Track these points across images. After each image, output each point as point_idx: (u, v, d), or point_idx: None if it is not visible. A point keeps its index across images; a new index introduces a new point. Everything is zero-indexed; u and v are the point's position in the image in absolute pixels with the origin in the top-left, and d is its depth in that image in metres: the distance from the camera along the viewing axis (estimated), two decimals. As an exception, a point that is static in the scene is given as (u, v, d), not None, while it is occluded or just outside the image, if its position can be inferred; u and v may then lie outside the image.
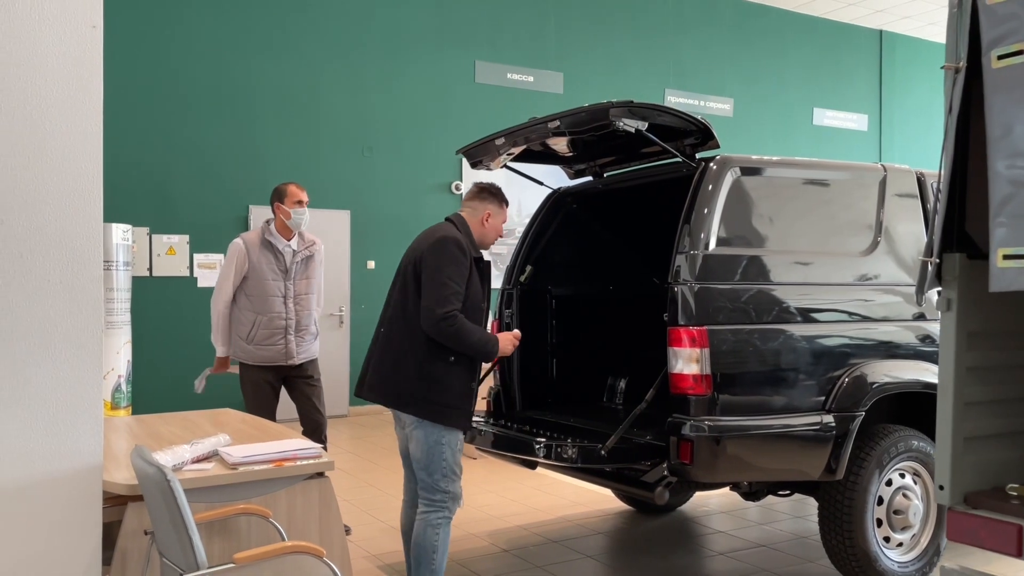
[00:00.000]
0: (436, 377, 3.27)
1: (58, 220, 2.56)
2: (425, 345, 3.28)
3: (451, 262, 3.26)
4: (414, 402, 3.28)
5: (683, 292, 3.54)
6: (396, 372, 3.34)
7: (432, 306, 3.21)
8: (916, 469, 3.98)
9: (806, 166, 4.08)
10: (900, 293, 4.06)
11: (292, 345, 4.67)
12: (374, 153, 9.51)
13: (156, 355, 8.26)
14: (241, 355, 4.68)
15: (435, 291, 3.22)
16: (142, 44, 8.36)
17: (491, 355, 3.39)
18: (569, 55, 10.69)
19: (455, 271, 3.26)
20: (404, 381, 3.31)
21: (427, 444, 3.31)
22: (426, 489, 3.36)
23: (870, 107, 13.19)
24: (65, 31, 2.55)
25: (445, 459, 3.33)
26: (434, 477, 3.32)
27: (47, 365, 2.55)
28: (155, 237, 8.44)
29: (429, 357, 3.28)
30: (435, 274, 3.25)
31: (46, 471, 2.55)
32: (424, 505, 3.37)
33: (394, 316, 3.43)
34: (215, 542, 2.77)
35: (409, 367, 3.30)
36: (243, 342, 4.64)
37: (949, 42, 2.20)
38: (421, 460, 3.33)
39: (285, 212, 4.67)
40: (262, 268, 4.61)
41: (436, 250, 3.31)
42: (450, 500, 3.36)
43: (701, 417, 3.49)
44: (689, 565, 4.39)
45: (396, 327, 3.40)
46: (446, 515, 3.36)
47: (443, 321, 3.19)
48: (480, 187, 3.60)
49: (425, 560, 3.33)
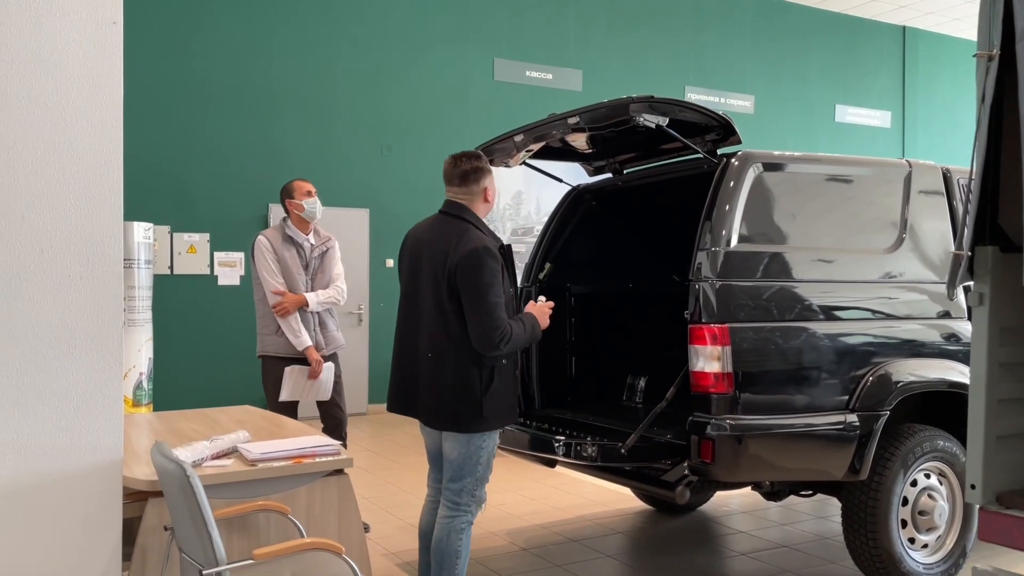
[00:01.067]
0: (493, 391, 3.18)
1: (79, 216, 2.57)
2: (479, 365, 3.16)
3: (491, 276, 3.11)
4: (474, 420, 3.18)
5: (704, 289, 3.50)
6: (459, 399, 3.18)
7: (487, 333, 3.08)
8: (942, 469, 3.92)
9: (829, 162, 4.02)
10: (925, 291, 4.00)
11: (320, 337, 4.71)
12: (393, 152, 9.51)
13: (177, 352, 8.31)
14: (269, 349, 4.68)
15: (486, 316, 3.08)
16: (163, 43, 8.41)
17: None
18: (588, 52, 10.65)
19: (495, 284, 3.12)
20: (468, 406, 3.17)
21: (469, 448, 3.21)
22: (454, 492, 3.26)
23: (893, 104, 13.05)
24: (86, 27, 2.56)
25: (482, 463, 3.25)
26: (466, 480, 3.24)
27: (68, 360, 2.55)
28: (176, 235, 8.49)
29: (487, 375, 3.17)
30: (482, 297, 3.09)
31: (66, 466, 2.56)
32: (448, 509, 3.28)
33: (437, 337, 3.22)
34: (234, 538, 2.77)
35: (474, 392, 3.16)
36: (272, 336, 4.65)
37: (981, 29, 2.15)
38: (456, 462, 3.23)
39: (298, 205, 4.68)
40: (287, 263, 4.65)
41: (474, 267, 3.11)
42: (475, 504, 3.29)
43: (722, 416, 3.45)
44: (710, 565, 4.35)
45: (444, 349, 3.20)
46: (469, 519, 3.28)
47: (500, 343, 3.09)
48: (462, 168, 3.35)
49: (448, 565, 3.24)
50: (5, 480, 2.48)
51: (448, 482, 3.27)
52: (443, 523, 3.26)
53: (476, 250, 3.14)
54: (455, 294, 3.15)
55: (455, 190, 3.38)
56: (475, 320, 3.10)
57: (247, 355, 8.74)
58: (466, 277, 3.11)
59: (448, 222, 3.33)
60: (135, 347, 6.25)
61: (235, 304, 8.73)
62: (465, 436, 3.20)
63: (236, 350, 8.73)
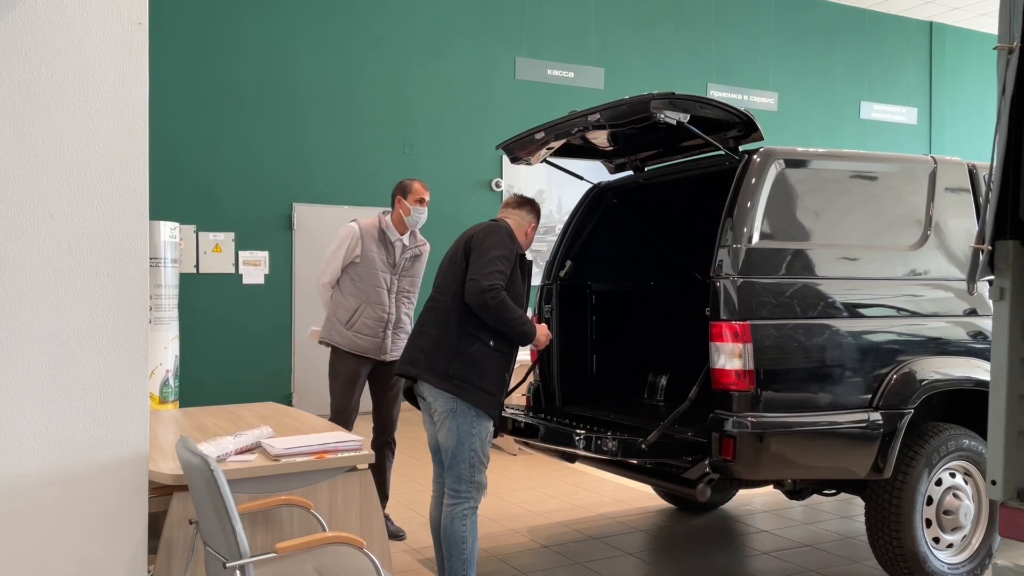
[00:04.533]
0: (474, 358, 3.36)
1: (105, 215, 2.61)
2: (467, 324, 3.39)
3: (502, 246, 3.40)
4: (448, 379, 3.35)
5: (725, 286, 3.49)
6: (435, 347, 3.40)
7: (478, 278, 3.31)
8: (967, 468, 3.87)
9: (852, 158, 3.99)
10: (951, 288, 3.96)
11: (388, 341, 4.56)
12: (415, 150, 9.56)
13: (203, 350, 8.41)
14: (337, 339, 4.54)
15: (483, 267, 3.33)
16: (189, 44, 8.51)
17: (528, 337, 3.46)
18: (610, 50, 10.63)
19: (504, 255, 3.38)
20: (442, 356, 3.37)
21: (458, 434, 3.37)
22: (453, 480, 3.41)
23: (919, 100, 12.90)
24: (111, 28, 2.60)
25: (475, 449, 3.39)
26: (462, 467, 3.39)
27: (95, 356, 2.60)
28: (202, 235, 8.59)
29: (469, 336, 3.38)
30: (485, 253, 3.37)
31: (93, 460, 2.61)
32: (450, 497, 3.42)
33: (438, 296, 3.52)
34: (258, 532, 2.81)
35: (450, 343, 3.38)
36: (342, 326, 4.52)
37: (1002, 21, 2.12)
38: (450, 449, 3.39)
39: (406, 207, 4.56)
40: (374, 258, 4.51)
41: (490, 233, 3.45)
42: (475, 490, 3.42)
43: (744, 413, 3.44)
44: (732, 564, 4.33)
45: (439, 305, 3.48)
46: (472, 505, 3.42)
47: (487, 292, 3.28)
48: (523, 199, 3.78)
49: (456, 551, 3.38)
50: (35, 472, 2.54)
51: (446, 472, 3.44)
52: (447, 511, 3.41)
53: (499, 226, 3.51)
54: (467, 257, 3.43)
55: (508, 211, 3.75)
56: (473, 270, 3.35)
57: (271, 353, 8.87)
58: (480, 240, 3.43)
59: (487, 223, 3.64)
60: (162, 345, 6.33)
61: (259, 302, 8.82)
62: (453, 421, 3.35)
63: (260, 348, 8.82)
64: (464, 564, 3.39)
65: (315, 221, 9.04)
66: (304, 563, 2.65)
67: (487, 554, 4.43)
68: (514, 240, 3.48)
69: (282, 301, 8.95)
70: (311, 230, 9.04)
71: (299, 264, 9.01)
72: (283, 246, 8.95)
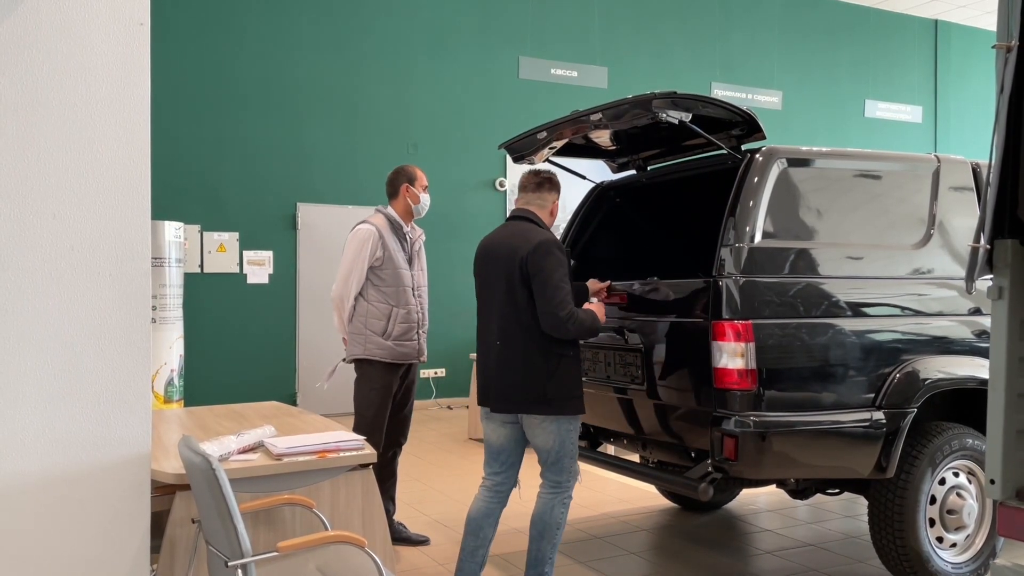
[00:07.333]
0: (563, 375, 3.46)
1: (107, 214, 2.62)
2: (547, 348, 3.45)
3: (559, 265, 3.43)
4: (547, 402, 3.44)
5: (727, 285, 3.49)
6: (527, 380, 3.45)
7: (554, 311, 3.37)
8: (971, 468, 3.86)
9: (855, 157, 3.98)
10: (954, 287, 3.95)
11: (423, 341, 4.39)
12: (419, 150, 9.57)
13: (207, 350, 8.43)
14: (378, 352, 4.24)
15: (553, 296, 3.39)
16: (191, 43, 8.53)
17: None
18: (613, 49, 10.62)
19: (564, 273, 3.44)
20: (536, 385, 3.44)
21: (559, 436, 3.48)
22: (554, 474, 3.54)
23: (924, 98, 12.86)
24: (113, 28, 2.61)
25: (573, 443, 3.53)
26: (565, 461, 3.52)
27: (97, 355, 2.61)
28: (206, 234, 8.61)
29: (554, 357, 3.45)
30: (549, 279, 3.40)
31: (96, 459, 2.62)
32: (549, 487, 3.56)
33: (508, 326, 3.50)
34: (260, 531, 2.82)
35: (539, 373, 3.44)
36: (379, 338, 4.23)
37: (1000, 20, 2.12)
38: (553, 450, 3.50)
39: (414, 195, 4.39)
40: (395, 256, 4.27)
41: (544, 255, 3.43)
42: (573, 479, 3.59)
43: (746, 412, 3.44)
44: (735, 563, 4.33)
45: (513, 335, 3.49)
46: (570, 494, 3.59)
47: (567, 322, 3.38)
48: (540, 177, 3.69)
49: (549, 535, 3.55)
50: (37, 471, 2.55)
51: (546, 470, 3.56)
52: (547, 499, 3.56)
53: (546, 242, 3.47)
54: (526, 282, 3.44)
55: (528, 196, 3.70)
56: (544, 300, 3.40)
57: (275, 352, 8.89)
58: (536, 264, 3.42)
59: (517, 225, 3.62)
60: (166, 344, 6.35)
61: (263, 302, 8.85)
62: (553, 424, 3.45)
63: (265, 347, 8.85)
64: (553, 548, 3.56)
65: (319, 221, 9.06)
66: (306, 562, 2.65)
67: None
68: (560, 248, 3.47)
69: (286, 300, 8.97)
70: (315, 230, 9.06)
71: (303, 263, 9.03)
72: (287, 246, 8.97)
